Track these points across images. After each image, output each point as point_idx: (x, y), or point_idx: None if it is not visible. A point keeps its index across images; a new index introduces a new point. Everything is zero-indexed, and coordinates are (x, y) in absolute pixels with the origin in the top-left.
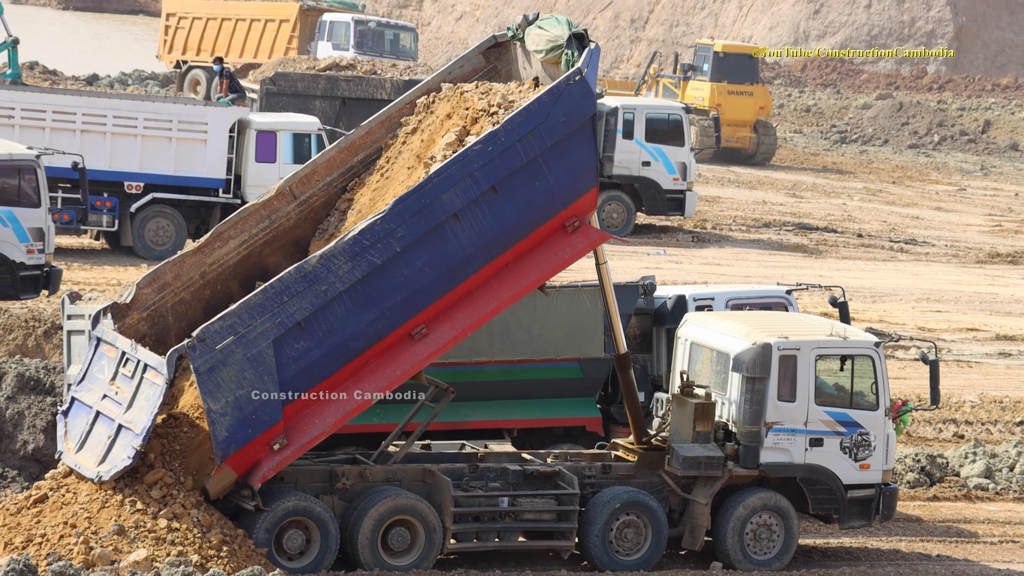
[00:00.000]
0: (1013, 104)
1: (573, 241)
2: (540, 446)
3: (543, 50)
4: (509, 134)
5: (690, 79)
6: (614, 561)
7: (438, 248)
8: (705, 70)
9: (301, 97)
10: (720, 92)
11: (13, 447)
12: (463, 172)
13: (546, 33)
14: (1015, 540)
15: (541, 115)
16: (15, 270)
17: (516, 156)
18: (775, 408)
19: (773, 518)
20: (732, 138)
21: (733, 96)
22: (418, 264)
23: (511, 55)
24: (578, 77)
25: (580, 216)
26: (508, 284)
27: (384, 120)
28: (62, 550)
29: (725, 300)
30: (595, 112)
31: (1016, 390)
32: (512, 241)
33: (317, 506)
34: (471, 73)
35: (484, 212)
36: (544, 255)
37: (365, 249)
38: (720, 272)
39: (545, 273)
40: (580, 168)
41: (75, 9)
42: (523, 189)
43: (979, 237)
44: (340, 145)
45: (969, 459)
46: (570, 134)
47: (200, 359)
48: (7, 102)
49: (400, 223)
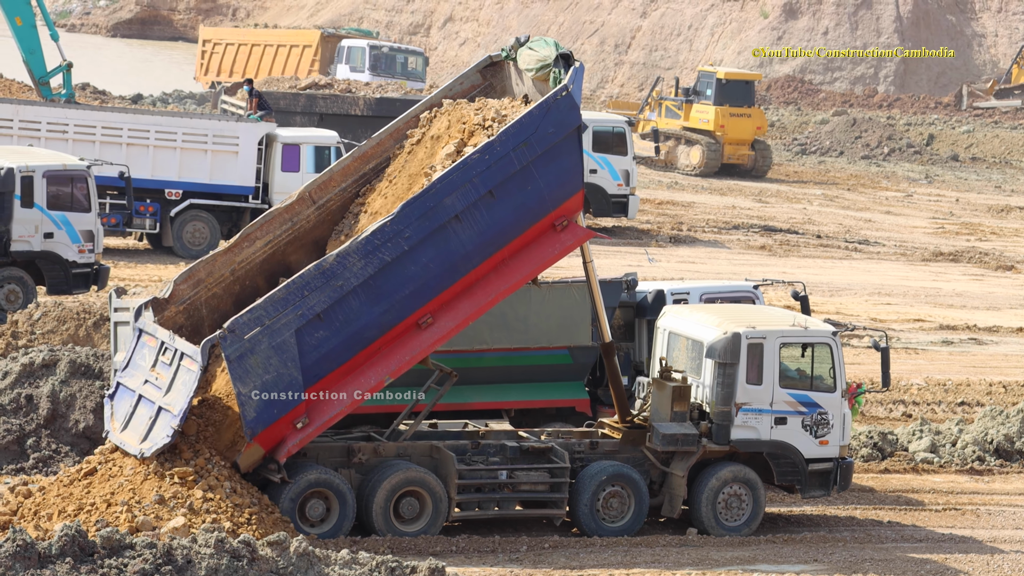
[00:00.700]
0: (954, 120)
1: (562, 238)
2: (534, 425)
3: (533, 68)
4: (504, 144)
5: (692, 102)
6: (601, 527)
7: (442, 246)
8: (708, 95)
9: (283, 113)
10: (723, 115)
11: (66, 426)
12: (463, 178)
13: (536, 53)
14: (957, 508)
15: (532, 127)
16: (68, 268)
17: (510, 163)
18: (744, 391)
19: (743, 489)
20: (733, 155)
21: (734, 118)
22: (424, 261)
23: (505, 73)
24: (564, 93)
25: (568, 216)
26: (504, 278)
27: (393, 132)
28: (109, 517)
29: (699, 294)
30: (580, 123)
31: (958, 374)
32: (507, 239)
33: (336, 478)
34: (470, 89)
35: (482, 214)
36: (536, 251)
37: (377, 248)
38: (694, 269)
39: (537, 267)
40: (568, 173)
41: (122, 36)
42: (517, 193)
43: (924, 238)
44: (354, 155)
45: (916, 436)
46: (558, 143)
47: (231, 348)
48: (62, 119)
49: (407, 224)
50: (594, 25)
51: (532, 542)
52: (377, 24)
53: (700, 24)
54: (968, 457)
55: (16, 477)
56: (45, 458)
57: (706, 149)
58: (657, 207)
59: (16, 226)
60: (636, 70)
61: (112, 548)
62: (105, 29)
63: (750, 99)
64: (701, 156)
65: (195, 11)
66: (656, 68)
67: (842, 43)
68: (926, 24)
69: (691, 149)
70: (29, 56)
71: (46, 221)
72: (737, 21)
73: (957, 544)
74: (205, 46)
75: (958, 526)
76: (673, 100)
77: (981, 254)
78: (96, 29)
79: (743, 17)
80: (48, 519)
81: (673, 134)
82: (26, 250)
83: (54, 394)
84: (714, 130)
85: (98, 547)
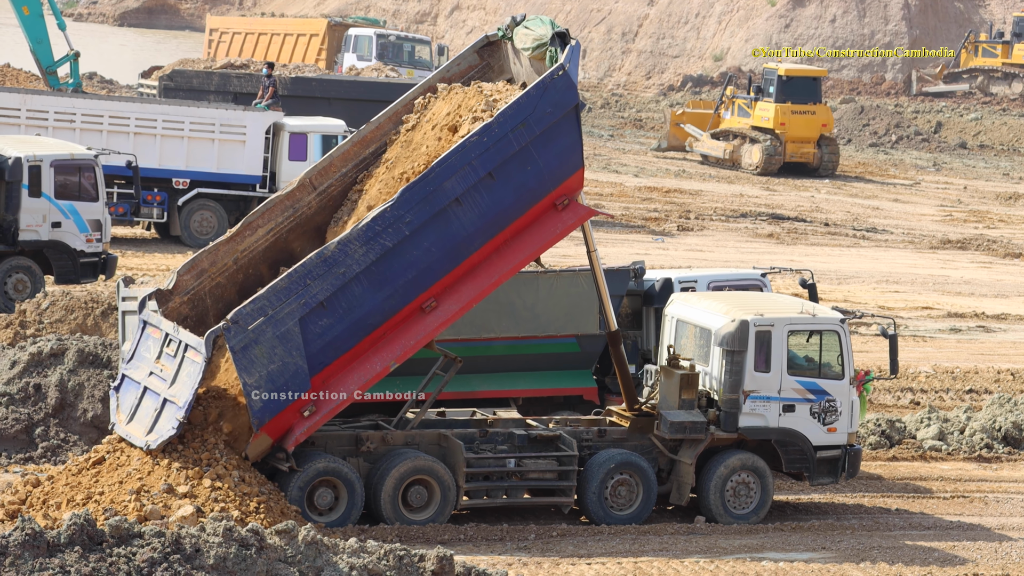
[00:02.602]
0: (961, 107)
1: (564, 217)
2: (542, 413)
3: (529, 48)
4: (502, 125)
5: (758, 100)
6: (609, 515)
7: (443, 230)
8: (770, 92)
9: (196, 92)
10: (784, 112)
11: (74, 415)
12: (462, 161)
13: (532, 32)
14: (965, 495)
15: (530, 107)
16: (76, 257)
17: (509, 144)
18: (752, 378)
19: (751, 476)
20: (796, 154)
21: (796, 115)
22: (426, 245)
23: (502, 52)
24: (561, 72)
25: (569, 195)
26: (507, 259)
27: (391, 115)
28: (118, 506)
29: (707, 282)
30: (578, 102)
31: (966, 362)
32: (509, 220)
33: (344, 467)
34: (467, 70)
35: (483, 196)
36: (538, 231)
37: (377, 234)
38: (702, 257)
39: (540, 247)
40: (567, 152)
41: (129, 26)
42: (517, 173)
43: (932, 226)
44: (353, 139)
45: (924, 423)
46: (556, 123)
47: (235, 339)
48: (69, 108)
49: (408, 209)
50: (601, 13)
51: (540, 530)
52: (384, 13)
53: (707, 12)
54: (976, 445)
55: (25, 466)
56: (53, 447)
57: (766, 147)
58: (664, 195)
59: (24, 215)
60: (643, 58)
61: (121, 537)
62: (112, 18)
63: (816, 95)
64: (761, 155)
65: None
66: (663, 56)
67: (850, 31)
68: (934, 11)
69: (753, 148)
70: (36, 46)
71: (54, 210)
72: (745, 9)
73: (965, 532)
74: (212, 35)
75: (966, 514)
76: (744, 98)
77: (989, 242)
78: (103, 18)
79: (751, 5)
80: (57, 508)
81: (741, 132)
82: (34, 239)
83: (62, 383)
84: (774, 128)
85: (107, 536)
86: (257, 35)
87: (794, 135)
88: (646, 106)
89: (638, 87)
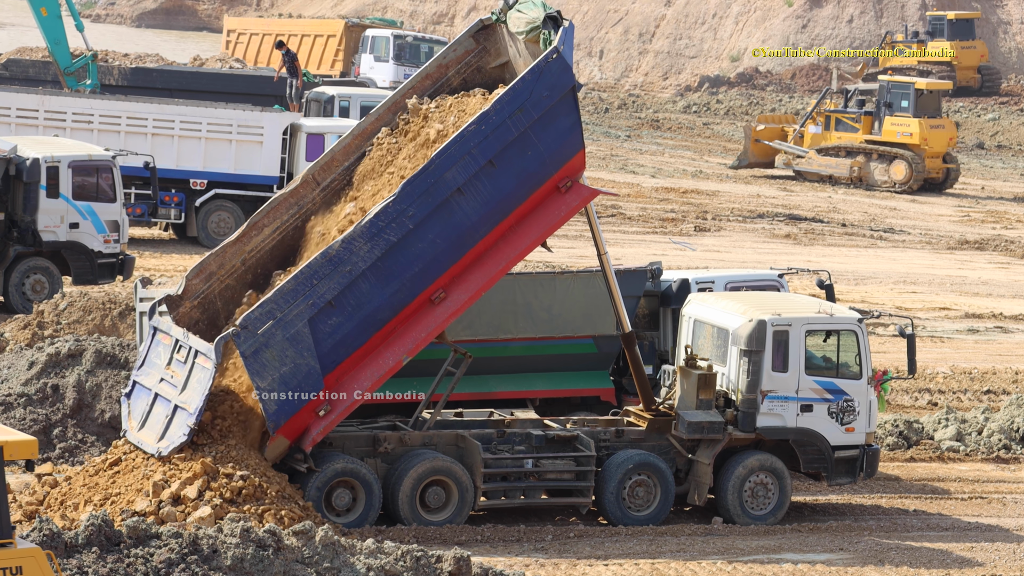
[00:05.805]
0: (979, 108)
1: (567, 200)
2: (560, 414)
3: (523, 31)
4: (499, 112)
5: (885, 115)
6: (627, 516)
7: (446, 221)
8: (904, 106)
9: (33, 81)
10: (925, 127)
11: (92, 415)
12: (462, 151)
13: (525, 16)
14: (983, 496)
15: (526, 92)
16: (93, 258)
17: (508, 131)
18: (770, 378)
19: (769, 477)
20: (932, 170)
21: (933, 130)
22: (430, 237)
23: (498, 36)
24: (555, 55)
25: (571, 177)
26: (513, 245)
27: (390, 106)
28: (135, 507)
29: (724, 283)
30: (574, 83)
31: (983, 362)
32: (512, 207)
33: (362, 468)
34: (464, 55)
35: (485, 184)
36: (543, 215)
37: (381, 230)
38: (719, 258)
39: (545, 231)
40: (566, 134)
41: (147, 27)
42: (517, 159)
43: (950, 226)
44: (353, 133)
45: (942, 424)
46: (554, 105)
47: (245, 344)
48: (87, 109)
49: (410, 203)
50: (618, 14)
51: (558, 531)
52: (401, 14)
53: (724, 12)
54: (994, 445)
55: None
56: (71, 448)
57: (911, 163)
58: (682, 196)
59: (42, 216)
60: (660, 59)
61: (138, 538)
62: (130, 19)
63: (940, 109)
64: (908, 170)
65: (220, 1)
66: (680, 57)
67: (867, 31)
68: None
69: (891, 165)
70: (54, 47)
71: (72, 211)
72: (762, 9)
73: (983, 533)
74: (230, 36)
75: (984, 515)
76: (850, 113)
77: (1007, 242)
78: (121, 19)
79: (768, 5)
80: (74, 509)
81: (861, 149)
82: (52, 240)
83: (80, 384)
84: (918, 143)
85: (124, 537)
86: (275, 36)
87: (932, 151)
88: (663, 107)
89: (655, 88)
